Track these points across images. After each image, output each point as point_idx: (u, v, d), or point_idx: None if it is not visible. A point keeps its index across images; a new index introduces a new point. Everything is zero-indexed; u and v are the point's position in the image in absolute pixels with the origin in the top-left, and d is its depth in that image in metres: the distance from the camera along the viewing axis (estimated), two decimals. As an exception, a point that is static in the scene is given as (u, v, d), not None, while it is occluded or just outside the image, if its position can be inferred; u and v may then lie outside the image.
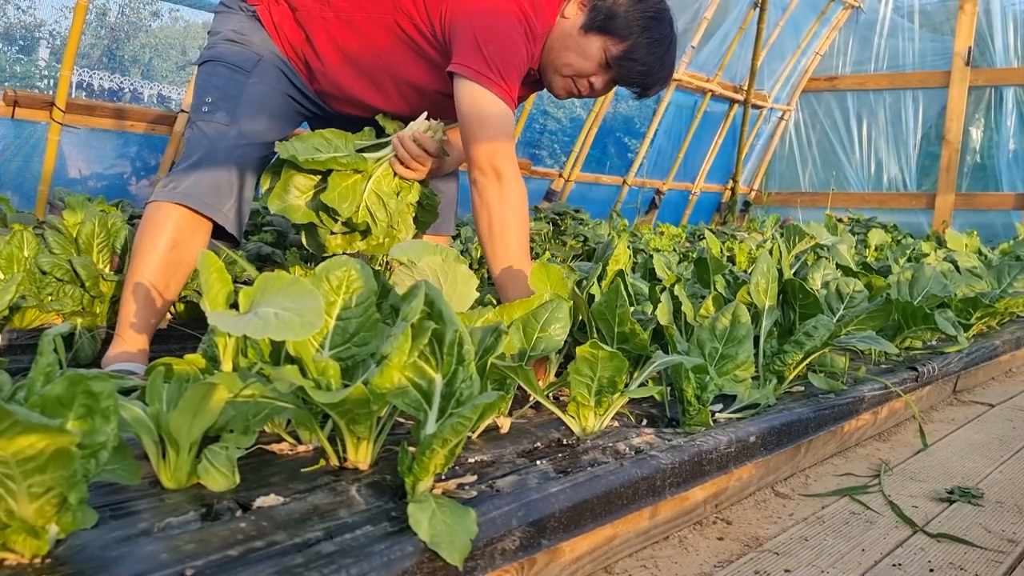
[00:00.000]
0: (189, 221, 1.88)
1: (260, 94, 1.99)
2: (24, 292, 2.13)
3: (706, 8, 6.65)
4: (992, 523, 1.56)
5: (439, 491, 1.13)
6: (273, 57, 2.03)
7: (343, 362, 1.21)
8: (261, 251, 2.91)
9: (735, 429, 1.57)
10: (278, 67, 2.04)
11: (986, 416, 2.48)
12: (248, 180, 1.98)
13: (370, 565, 0.92)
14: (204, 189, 1.88)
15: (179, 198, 1.87)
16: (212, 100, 1.97)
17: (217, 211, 1.90)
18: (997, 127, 7.85)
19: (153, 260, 1.85)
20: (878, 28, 8.26)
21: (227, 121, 1.94)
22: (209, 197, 1.89)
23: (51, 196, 3.77)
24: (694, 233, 6.30)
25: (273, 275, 1.14)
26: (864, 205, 8.12)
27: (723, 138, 7.91)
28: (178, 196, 1.87)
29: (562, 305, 1.62)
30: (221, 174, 1.91)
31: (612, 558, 1.30)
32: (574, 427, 1.51)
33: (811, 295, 2.02)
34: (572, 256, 4.05)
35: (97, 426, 0.90)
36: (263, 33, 2.04)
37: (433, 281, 1.45)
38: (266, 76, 2.01)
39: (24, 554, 0.87)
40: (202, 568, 0.88)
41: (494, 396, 1.05)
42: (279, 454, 1.28)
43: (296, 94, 2.08)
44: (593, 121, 6.40)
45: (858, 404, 1.99)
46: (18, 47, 16.71)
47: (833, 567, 1.33)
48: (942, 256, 3.98)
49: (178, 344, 2.17)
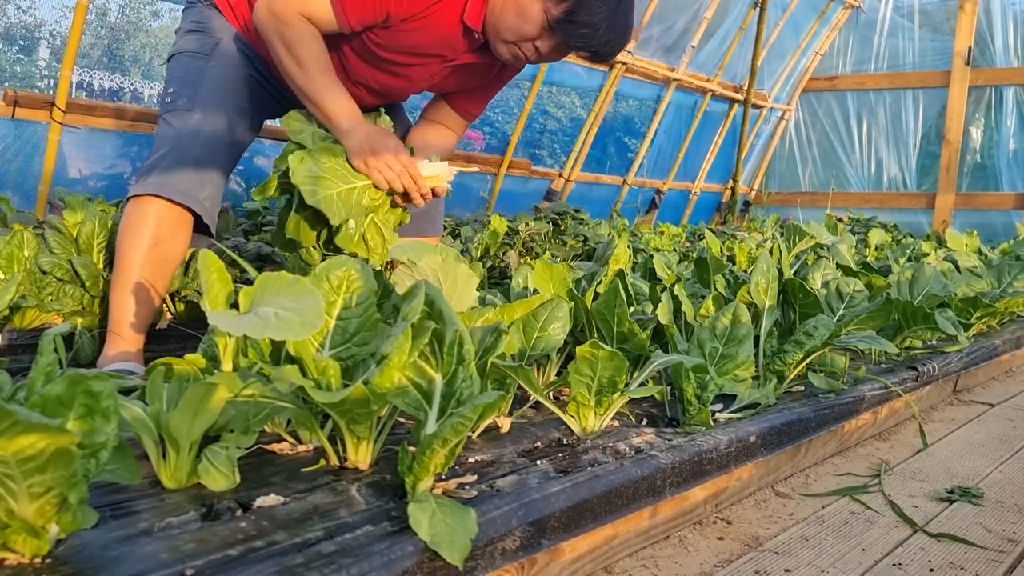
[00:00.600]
0: (168, 214, 1.86)
1: (220, 76, 1.97)
2: (24, 292, 2.13)
3: (706, 8, 6.65)
4: (992, 523, 1.56)
5: (439, 491, 1.13)
6: (233, 39, 2.02)
7: (343, 362, 1.21)
8: (261, 251, 2.91)
9: (735, 429, 1.57)
10: (239, 49, 2.02)
11: (986, 416, 2.47)
12: (219, 164, 1.94)
13: (370, 565, 0.92)
14: (177, 178, 1.85)
15: (153, 188, 1.84)
16: (174, 90, 1.96)
17: (193, 199, 1.87)
18: (997, 127, 7.84)
19: (138, 258, 1.83)
20: (878, 28, 8.25)
21: (189, 106, 1.92)
22: (183, 185, 1.86)
23: (51, 196, 3.77)
24: (694, 233, 6.29)
25: (273, 275, 1.14)
26: (864, 205, 8.12)
27: (723, 138, 7.90)
28: (152, 187, 1.84)
29: (562, 305, 1.62)
30: (191, 161, 1.88)
31: (612, 558, 1.30)
32: (574, 427, 1.51)
33: (811, 295, 2.02)
34: (572, 256, 4.05)
35: (97, 426, 0.90)
36: (221, 19, 2.04)
37: (433, 281, 1.45)
38: (225, 59, 2.00)
39: (24, 554, 0.87)
40: (202, 568, 0.88)
41: (494, 396, 1.05)
42: (279, 454, 1.28)
43: (258, 76, 2.06)
44: (593, 121, 6.39)
45: (858, 404, 1.99)
46: (18, 47, 16.70)
47: (833, 567, 1.33)
48: (942, 256, 3.98)
49: (178, 344, 2.17)
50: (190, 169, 1.88)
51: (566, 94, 7.20)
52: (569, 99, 7.30)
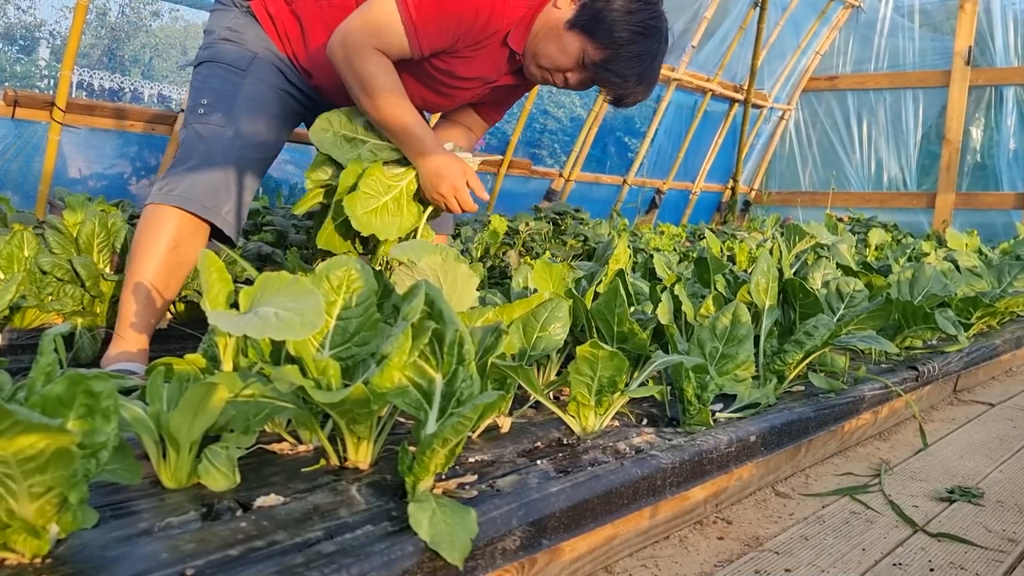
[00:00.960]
0: (189, 223, 1.87)
1: (256, 94, 1.98)
2: (24, 292, 2.13)
3: (706, 8, 6.65)
4: (992, 522, 1.56)
5: (439, 491, 1.13)
6: (268, 54, 2.02)
7: (343, 362, 1.21)
8: (261, 251, 2.91)
9: (735, 429, 1.57)
10: (274, 64, 2.03)
11: (986, 415, 2.47)
12: (247, 182, 1.96)
13: (370, 565, 0.92)
14: (202, 192, 1.87)
15: (177, 201, 1.85)
16: (208, 102, 1.96)
17: (216, 214, 1.88)
18: (997, 126, 7.84)
19: (154, 261, 1.84)
20: (878, 27, 8.25)
21: (223, 123, 1.93)
22: (207, 200, 1.87)
23: (51, 196, 3.77)
24: (694, 233, 6.29)
25: (273, 275, 1.14)
26: (864, 204, 8.12)
27: (723, 138, 7.90)
28: (176, 199, 1.85)
29: (562, 304, 1.62)
30: (219, 177, 1.89)
31: (612, 558, 1.30)
32: (574, 427, 1.51)
33: (811, 294, 2.02)
34: (572, 256, 4.05)
35: (97, 426, 0.90)
36: (258, 29, 2.03)
37: (433, 281, 1.45)
38: (261, 74, 2.00)
39: (25, 554, 0.87)
40: (202, 568, 0.88)
41: (494, 396, 1.05)
42: (279, 454, 1.28)
43: (293, 90, 2.07)
44: (593, 121, 6.39)
45: (858, 403, 1.99)
46: (18, 47, 16.71)
47: (833, 566, 1.33)
48: (942, 255, 3.98)
49: (178, 344, 2.17)
50: (216, 184, 1.89)
51: (566, 94, 7.20)
52: (569, 99, 7.31)
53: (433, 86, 2.07)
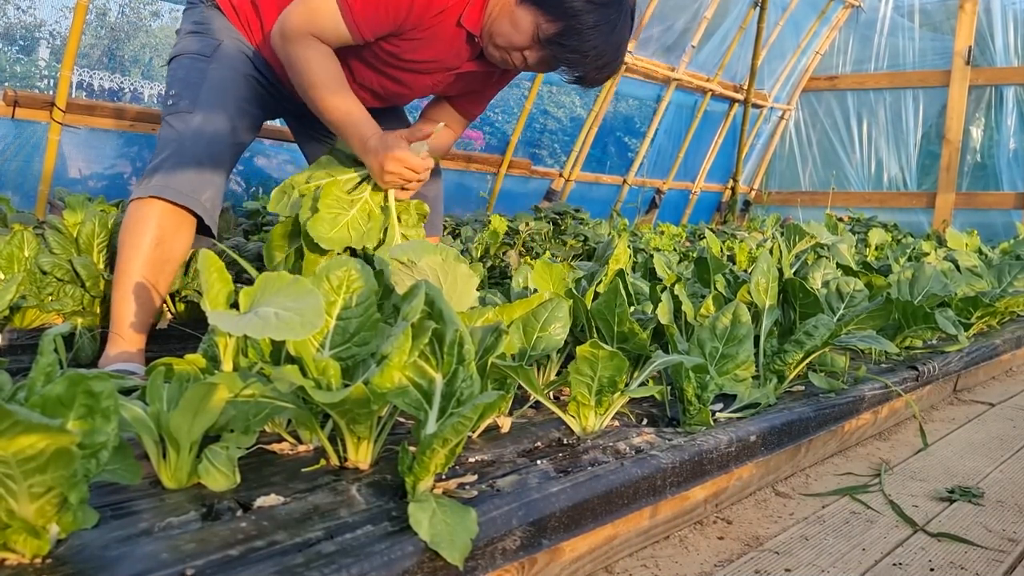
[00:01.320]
0: (171, 216, 1.86)
1: (222, 79, 1.97)
2: (24, 292, 2.13)
3: (706, 8, 6.65)
4: (993, 522, 1.56)
5: (439, 491, 1.13)
6: (235, 42, 2.02)
7: (343, 362, 1.21)
8: (261, 251, 2.91)
9: (735, 428, 1.57)
10: (240, 50, 2.02)
11: (986, 415, 2.47)
12: (220, 165, 1.95)
13: (370, 565, 0.92)
14: (179, 180, 1.86)
15: (155, 191, 1.84)
16: (176, 92, 1.96)
17: (195, 201, 1.87)
18: (997, 126, 7.84)
19: (139, 258, 1.83)
20: (878, 27, 8.25)
21: (190, 108, 1.92)
22: (185, 187, 1.86)
23: (51, 196, 3.77)
24: (694, 232, 6.29)
25: (273, 275, 1.14)
26: (864, 204, 8.12)
27: (723, 137, 7.90)
28: (154, 189, 1.84)
29: (562, 304, 1.62)
30: (192, 163, 1.88)
31: (612, 558, 1.30)
32: (574, 427, 1.51)
33: (811, 294, 2.02)
34: (572, 256, 4.05)
35: (97, 426, 0.90)
36: (223, 19, 2.04)
37: (433, 281, 1.45)
38: (227, 60, 1.99)
39: (25, 554, 0.87)
40: (203, 568, 0.88)
41: (494, 396, 1.05)
42: (279, 454, 1.28)
43: (260, 77, 2.06)
44: (593, 120, 6.39)
45: (858, 403, 1.99)
46: (18, 47, 16.70)
47: (833, 566, 1.33)
48: (942, 255, 3.98)
49: (178, 344, 2.17)
50: (192, 171, 1.88)
51: (566, 94, 7.19)
52: (569, 99, 7.30)
53: (386, 72, 2.04)
